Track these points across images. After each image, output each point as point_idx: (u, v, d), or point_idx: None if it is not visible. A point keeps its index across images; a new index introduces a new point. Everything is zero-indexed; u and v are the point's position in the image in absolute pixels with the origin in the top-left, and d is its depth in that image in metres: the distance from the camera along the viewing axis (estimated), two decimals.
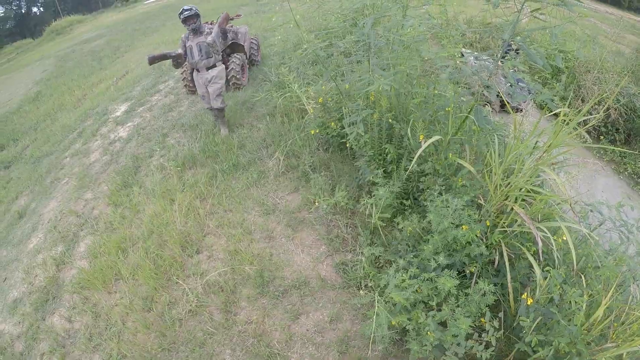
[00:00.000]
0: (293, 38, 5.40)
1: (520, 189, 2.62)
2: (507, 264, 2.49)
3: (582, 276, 2.39)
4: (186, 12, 4.49)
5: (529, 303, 2.26)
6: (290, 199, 3.78)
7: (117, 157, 5.46)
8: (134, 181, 4.74)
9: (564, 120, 2.63)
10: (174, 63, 4.76)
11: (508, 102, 3.36)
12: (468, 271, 2.58)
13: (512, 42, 3.22)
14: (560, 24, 2.66)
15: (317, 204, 3.35)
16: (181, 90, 6.70)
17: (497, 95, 4.62)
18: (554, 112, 3.13)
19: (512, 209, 2.60)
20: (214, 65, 4.74)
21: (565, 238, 2.43)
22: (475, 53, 4.97)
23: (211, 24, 6.58)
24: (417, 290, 2.42)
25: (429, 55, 3.65)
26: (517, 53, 3.91)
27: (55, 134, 7.22)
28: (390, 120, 3.20)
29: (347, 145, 3.37)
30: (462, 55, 4.80)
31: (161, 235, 3.82)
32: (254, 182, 4.03)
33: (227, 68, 5.84)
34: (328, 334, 2.83)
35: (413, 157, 2.93)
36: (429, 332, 2.23)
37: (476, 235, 2.52)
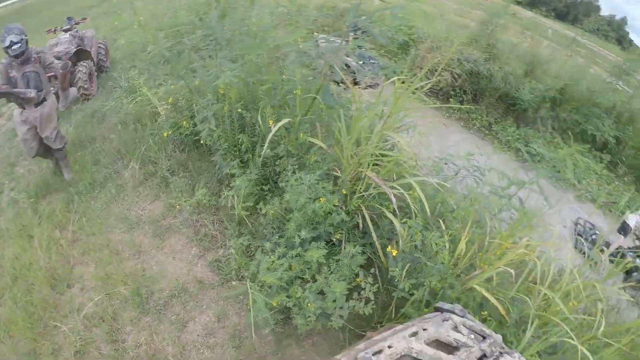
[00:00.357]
0: (140, 39, 5.07)
1: (371, 155, 2.80)
2: (370, 224, 2.67)
3: (441, 221, 2.65)
4: (16, 47, 3.57)
5: (394, 254, 2.46)
6: (152, 208, 3.63)
7: None
8: None
9: (405, 87, 2.78)
10: (17, 102, 3.85)
11: (347, 78, 3.57)
12: (335, 239, 2.71)
13: (357, 23, 3.43)
14: (401, 4, 2.88)
15: (178, 207, 3.24)
16: None
17: (352, 72, 4.94)
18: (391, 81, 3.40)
19: (365, 174, 2.78)
20: (44, 99, 3.88)
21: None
22: (328, 36, 5.22)
23: (54, 31, 5.91)
24: (290, 268, 2.46)
25: (274, 43, 3.74)
26: (364, 33, 4.19)
27: None
28: (239, 110, 3.21)
29: (202, 142, 3.30)
30: (316, 40, 5.01)
31: (26, 279, 3.41)
32: (113, 198, 3.77)
33: (74, 79, 5.29)
34: (219, 334, 2.82)
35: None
36: (309, 304, 2.30)
37: (334, 205, 2.64)
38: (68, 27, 5.95)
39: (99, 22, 8.20)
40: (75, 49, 5.43)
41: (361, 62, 5.04)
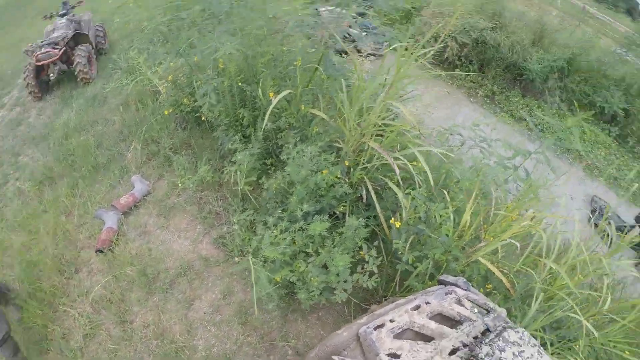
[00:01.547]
0: (135, 17, 4.93)
1: (374, 126, 2.69)
2: (373, 196, 2.60)
3: (446, 192, 2.55)
4: None
5: (397, 226, 2.39)
6: (156, 187, 3.59)
7: None
8: None
9: (408, 55, 2.61)
10: None
11: (349, 47, 3.43)
12: (339, 212, 2.63)
13: None
14: None
15: (180, 185, 3.19)
16: (27, 98, 5.85)
17: (354, 42, 4.78)
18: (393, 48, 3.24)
19: (369, 145, 2.68)
20: None
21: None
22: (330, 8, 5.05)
23: (50, 17, 5.82)
24: (293, 242, 2.40)
25: (273, 13, 3.60)
26: (366, 0, 4.00)
27: None
28: (240, 84, 3.12)
29: (203, 119, 3.22)
30: (317, 10, 4.84)
31: (36, 266, 3.41)
32: (117, 179, 3.73)
33: (72, 63, 5.22)
34: (225, 310, 2.81)
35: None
36: (312, 278, 2.24)
37: (337, 177, 2.56)
38: (64, 11, 5.87)
39: (95, 5, 8.07)
40: (72, 33, 5.34)
41: (364, 33, 4.88)
